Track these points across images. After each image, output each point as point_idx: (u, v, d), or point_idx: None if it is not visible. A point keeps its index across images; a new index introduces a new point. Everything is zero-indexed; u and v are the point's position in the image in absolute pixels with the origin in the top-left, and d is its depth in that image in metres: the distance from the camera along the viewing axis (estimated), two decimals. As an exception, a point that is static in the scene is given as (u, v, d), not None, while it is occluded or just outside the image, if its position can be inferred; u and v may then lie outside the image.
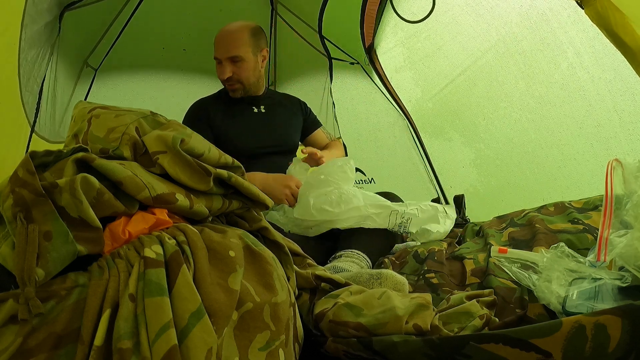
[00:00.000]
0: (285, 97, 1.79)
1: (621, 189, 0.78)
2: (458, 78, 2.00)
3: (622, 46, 0.89)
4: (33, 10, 1.23)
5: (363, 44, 2.19)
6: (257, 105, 1.63)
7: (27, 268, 0.49)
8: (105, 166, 0.61)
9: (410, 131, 2.33)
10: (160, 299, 0.52)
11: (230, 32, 1.50)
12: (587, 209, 1.16)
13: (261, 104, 1.63)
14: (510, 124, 1.88)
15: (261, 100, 1.64)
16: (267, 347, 0.59)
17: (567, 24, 1.53)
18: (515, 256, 0.93)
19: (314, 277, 0.84)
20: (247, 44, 1.49)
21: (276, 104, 1.68)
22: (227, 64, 1.49)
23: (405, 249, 1.32)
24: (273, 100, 1.68)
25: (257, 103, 1.63)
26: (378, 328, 0.69)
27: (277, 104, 1.68)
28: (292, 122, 1.70)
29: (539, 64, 1.70)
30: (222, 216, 0.80)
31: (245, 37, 1.50)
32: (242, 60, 1.49)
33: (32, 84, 1.39)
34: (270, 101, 1.66)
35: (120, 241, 0.60)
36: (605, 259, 0.71)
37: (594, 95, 1.55)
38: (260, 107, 1.63)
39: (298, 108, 1.76)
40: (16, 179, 0.54)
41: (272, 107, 1.65)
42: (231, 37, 1.49)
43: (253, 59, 1.52)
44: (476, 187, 2.12)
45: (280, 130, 1.63)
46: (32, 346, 0.49)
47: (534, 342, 0.55)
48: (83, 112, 0.75)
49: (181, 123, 1.50)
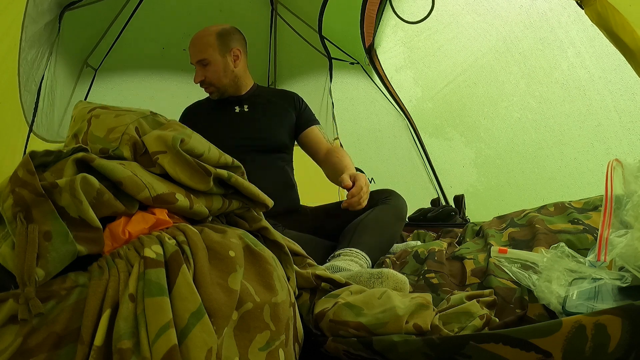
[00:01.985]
0: (277, 93, 1.76)
1: (621, 189, 0.78)
2: (458, 77, 2.00)
3: (621, 46, 0.89)
4: (34, 11, 1.23)
5: (363, 44, 2.19)
6: (240, 105, 1.62)
7: (27, 268, 0.49)
8: (105, 166, 0.61)
9: (410, 131, 2.33)
10: (160, 299, 0.52)
11: (197, 37, 1.56)
12: (587, 209, 1.16)
13: (244, 103, 1.63)
14: (511, 124, 1.88)
15: (244, 99, 1.64)
16: (267, 347, 0.59)
17: (567, 23, 1.53)
18: (515, 256, 0.93)
19: (314, 277, 0.84)
20: (212, 46, 1.53)
21: (262, 102, 1.65)
22: (199, 68, 1.55)
23: (406, 249, 1.32)
24: (259, 98, 1.66)
25: (240, 102, 1.63)
26: (378, 328, 0.69)
27: (265, 102, 1.66)
28: (280, 119, 1.65)
29: (540, 63, 1.70)
30: (222, 216, 0.80)
31: (211, 40, 1.54)
32: (210, 63, 1.53)
33: (31, 84, 1.39)
34: (256, 99, 1.65)
35: (120, 241, 0.60)
36: (605, 259, 0.71)
37: (594, 95, 1.55)
38: (244, 107, 1.62)
39: (290, 103, 1.70)
40: (16, 179, 0.54)
41: (256, 105, 1.64)
42: (198, 42, 1.55)
43: (221, 60, 1.54)
44: (476, 186, 2.12)
45: (263, 129, 1.60)
46: (32, 346, 0.49)
47: (534, 342, 0.55)
48: (83, 112, 0.75)
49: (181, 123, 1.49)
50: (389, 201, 1.39)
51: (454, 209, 1.94)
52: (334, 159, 1.52)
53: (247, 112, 1.62)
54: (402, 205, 1.42)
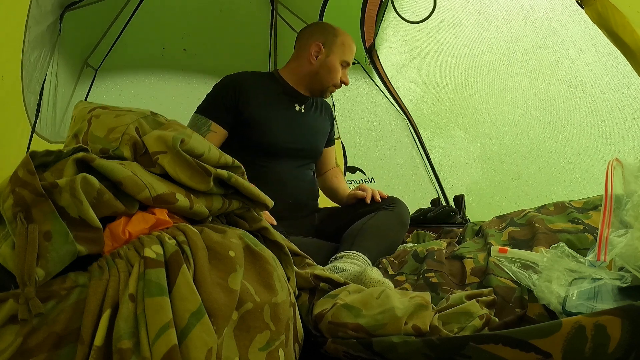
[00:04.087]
0: (322, 101, 1.70)
1: (621, 189, 0.78)
2: (460, 76, 2.00)
3: (622, 46, 0.89)
4: (37, 12, 1.23)
5: (363, 44, 2.18)
6: (299, 103, 1.56)
7: (27, 268, 0.49)
8: (105, 166, 0.61)
9: (410, 131, 2.33)
10: (160, 299, 0.52)
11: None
12: (587, 209, 1.16)
13: (302, 103, 1.57)
14: (515, 120, 1.89)
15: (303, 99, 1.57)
16: (267, 347, 0.59)
17: (568, 22, 1.53)
18: (515, 256, 0.93)
19: (313, 277, 0.85)
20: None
21: (314, 106, 1.62)
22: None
23: (405, 248, 1.32)
24: (312, 101, 1.62)
25: (300, 101, 1.56)
26: (377, 329, 0.69)
27: (315, 106, 1.62)
28: (322, 128, 1.64)
29: (542, 61, 1.71)
30: (222, 216, 0.80)
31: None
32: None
33: (34, 84, 1.39)
34: (309, 102, 1.60)
35: (120, 241, 0.60)
36: (605, 259, 0.71)
37: (597, 92, 1.56)
38: (302, 107, 1.56)
39: (329, 116, 1.69)
40: (16, 179, 0.54)
41: (309, 108, 1.59)
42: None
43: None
44: (479, 183, 2.12)
45: (312, 135, 1.57)
46: (32, 346, 0.49)
47: (533, 343, 0.55)
48: (83, 112, 0.75)
49: (195, 111, 1.44)
50: (393, 208, 1.41)
51: (454, 209, 1.94)
52: (335, 179, 1.70)
53: (304, 114, 1.56)
54: (405, 213, 1.45)
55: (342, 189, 1.66)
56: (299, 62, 1.53)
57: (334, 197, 1.69)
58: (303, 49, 1.52)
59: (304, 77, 1.53)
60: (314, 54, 1.49)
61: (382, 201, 1.45)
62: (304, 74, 1.52)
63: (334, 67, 1.49)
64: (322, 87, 1.53)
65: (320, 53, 1.49)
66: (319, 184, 1.70)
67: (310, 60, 1.49)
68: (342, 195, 1.63)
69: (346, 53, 1.51)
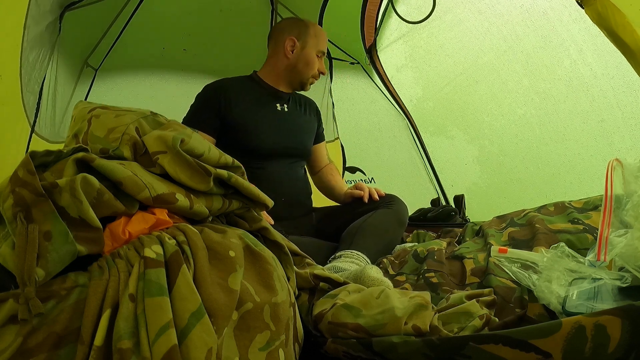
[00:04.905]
0: (306, 99, 1.71)
1: (621, 189, 0.78)
2: (460, 76, 2.01)
3: (622, 46, 0.89)
4: (36, 11, 1.23)
5: (363, 44, 2.19)
6: (282, 103, 1.57)
7: (27, 268, 0.49)
8: (105, 166, 0.61)
9: (410, 131, 2.33)
10: (160, 299, 0.52)
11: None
12: (587, 209, 1.16)
13: (285, 102, 1.58)
14: (515, 120, 1.89)
15: (285, 97, 1.58)
16: (267, 347, 0.59)
17: (568, 22, 1.54)
18: (515, 256, 0.93)
19: (312, 277, 0.85)
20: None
21: (297, 105, 1.63)
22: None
23: (405, 248, 1.32)
24: (294, 100, 1.63)
25: (282, 100, 1.57)
26: (377, 329, 0.68)
27: (298, 105, 1.63)
28: (309, 126, 1.65)
29: (542, 61, 1.71)
30: (222, 216, 0.80)
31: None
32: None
33: (33, 84, 1.39)
34: (292, 100, 1.61)
35: (120, 241, 0.60)
36: (605, 259, 0.71)
37: (597, 92, 1.57)
38: (284, 106, 1.57)
39: (315, 112, 1.70)
40: (16, 179, 0.54)
41: (293, 107, 1.60)
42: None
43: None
44: (478, 184, 2.12)
45: (298, 133, 1.58)
46: (32, 346, 0.49)
47: (533, 343, 0.55)
48: (83, 112, 0.75)
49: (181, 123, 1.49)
50: (391, 206, 1.41)
51: (454, 209, 1.93)
52: (331, 177, 1.69)
53: (288, 113, 1.57)
54: (404, 211, 1.45)
55: (339, 186, 1.65)
56: (276, 60, 1.55)
57: (331, 194, 1.68)
58: (278, 46, 1.54)
59: (283, 73, 1.54)
60: (290, 49, 1.51)
61: (380, 199, 1.45)
62: (282, 70, 1.54)
63: (310, 58, 1.52)
64: (301, 80, 1.55)
65: (295, 47, 1.51)
66: (315, 182, 1.71)
67: (287, 55, 1.51)
68: (339, 193, 1.63)
69: (320, 43, 1.54)
